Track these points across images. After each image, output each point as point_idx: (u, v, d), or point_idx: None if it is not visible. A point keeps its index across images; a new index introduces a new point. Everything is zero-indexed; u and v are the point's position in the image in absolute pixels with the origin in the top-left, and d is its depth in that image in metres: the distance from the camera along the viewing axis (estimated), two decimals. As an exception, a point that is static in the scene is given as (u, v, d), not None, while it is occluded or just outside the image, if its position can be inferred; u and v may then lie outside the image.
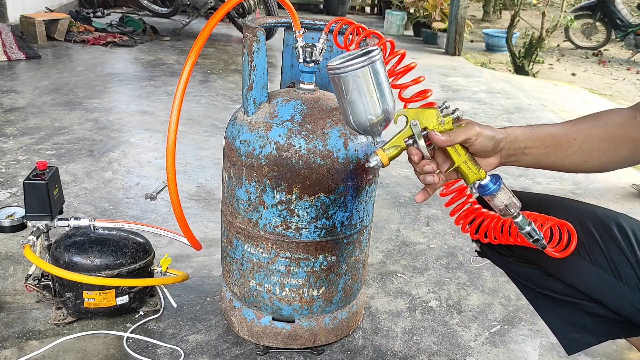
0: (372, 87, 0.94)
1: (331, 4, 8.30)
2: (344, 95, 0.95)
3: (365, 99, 0.94)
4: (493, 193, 0.94)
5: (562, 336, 1.13)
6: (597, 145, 1.00)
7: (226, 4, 1.18)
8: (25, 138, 2.74)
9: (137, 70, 4.28)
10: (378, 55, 0.93)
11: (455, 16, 6.03)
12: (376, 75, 0.93)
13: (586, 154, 1.00)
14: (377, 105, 0.95)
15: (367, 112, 0.95)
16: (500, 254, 1.17)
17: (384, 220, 2.26)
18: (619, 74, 6.98)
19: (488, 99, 4.41)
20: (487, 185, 0.94)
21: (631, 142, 1.00)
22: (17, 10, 5.14)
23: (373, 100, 0.94)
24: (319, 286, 1.36)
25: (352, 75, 0.93)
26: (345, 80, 0.93)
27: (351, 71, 0.92)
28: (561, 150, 0.99)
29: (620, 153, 1.01)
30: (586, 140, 0.99)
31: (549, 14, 6.43)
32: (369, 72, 0.93)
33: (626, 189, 2.82)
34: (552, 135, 0.99)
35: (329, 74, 0.95)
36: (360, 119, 0.96)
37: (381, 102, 0.95)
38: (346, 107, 0.97)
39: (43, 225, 1.44)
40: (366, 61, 0.92)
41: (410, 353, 1.51)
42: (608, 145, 1.00)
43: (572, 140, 0.99)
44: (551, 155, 0.99)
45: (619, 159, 1.02)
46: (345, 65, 0.92)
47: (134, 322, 1.51)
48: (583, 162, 1.01)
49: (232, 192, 1.34)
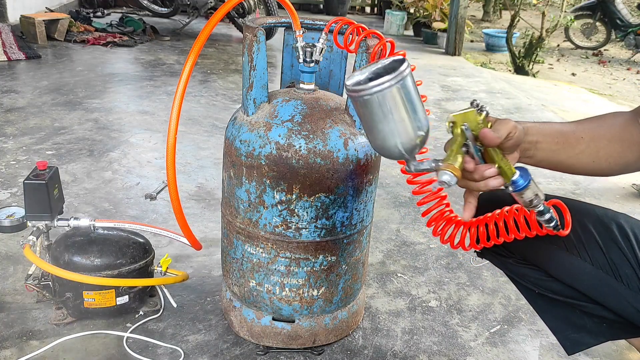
0: (404, 108, 0.81)
1: (331, 4, 8.30)
2: (387, 119, 0.81)
3: (412, 111, 0.81)
4: (527, 187, 0.90)
5: (561, 336, 1.13)
6: (604, 145, 0.99)
7: (226, 4, 1.18)
8: (25, 138, 2.74)
9: (137, 70, 4.28)
10: (407, 68, 0.80)
11: (455, 16, 6.03)
12: (407, 93, 0.80)
13: (594, 153, 0.99)
14: (410, 129, 0.83)
15: (416, 126, 0.83)
16: (499, 255, 1.16)
17: (384, 220, 2.26)
18: (619, 74, 6.98)
19: (488, 99, 4.41)
20: (518, 180, 0.90)
21: (636, 146, 1.00)
22: (17, 10, 5.14)
23: (404, 124, 0.82)
24: (319, 286, 1.36)
25: (379, 96, 0.79)
26: (370, 103, 0.80)
27: (377, 93, 0.78)
28: (570, 148, 0.98)
29: (626, 156, 1.01)
30: (593, 139, 0.99)
31: (549, 14, 6.43)
32: (399, 92, 0.79)
33: (626, 189, 2.82)
34: (560, 132, 0.98)
35: (349, 94, 0.82)
36: (411, 135, 0.83)
37: (415, 124, 0.83)
38: (388, 131, 0.83)
39: (43, 225, 1.44)
40: (395, 79, 0.78)
41: (410, 353, 1.51)
42: (615, 147, 1.00)
43: (580, 139, 0.98)
44: (561, 152, 0.98)
45: (625, 162, 1.02)
46: (369, 86, 0.78)
47: (134, 322, 1.51)
48: (591, 162, 1.00)
49: (232, 192, 1.34)
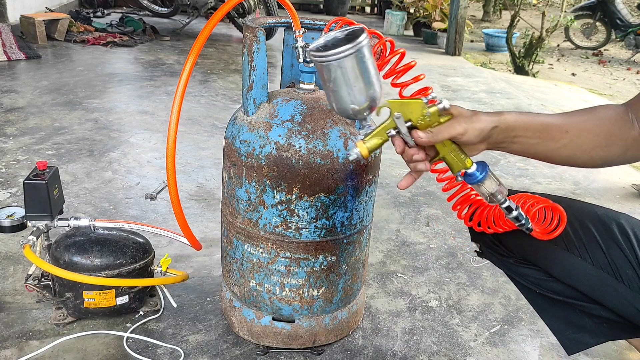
0: (358, 75, 0.88)
1: (331, 4, 8.30)
2: (327, 83, 0.90)
3: (349, 88, 0.89)
4: (480, 182, 0.92)
5: (562, 336, 1.13)
6: (589, 140, 0.98)
7: (226, 4, 1.18)
8: (25, 138, 2.74)
9: (137, 70, 4.28)
10: (365, 40, 0.87)
11: (455, 16, 6.03)
12: (362, 62, 0.87)
13: (577, 147, 0.98)
14: (362, 93, 0.90)
15: (350, 100, 0.90)
16: (500, 254, 1.16)
17: (384, 220, 2.26)
18: (619, 74, 6.98)
19: (488, 99, 4.41)
20: (474, 174, 0.92)
21: (623, 140, 0.99)
22: (17, 10, 5.14)
23: (358, 88, 0.89)
24: (319, 286, 1.36)
25: (336, 64, 0.86)
26: (328, 68, 0.87)
27: (335, 60, 0.86)
28: (552, 142, 0.97)
29: (611, 150, 1.00)
30: (579, 133, 0.98)
31: (549, 14, 6.43)
32: (354, 60, 0.86)
33: (626, 189, 2.82)
34: (545, 125, 0.97)
35: (311, 58, 0.90)
36: (344, 106, 0.92)
37: (367, 90, 0.90)
38: (329, 94, 0.92)
39: (43, 225, 1.44)
40: (352, 48, 0.85)
41: (410, 353, 1.51)
42: (600, 141, 0.99)
43: (565, 133, 0.97)
44: (539, 146, 0.97)
45: (609, 156, 1.01)
46: (329, 53, 0.86)
47: (134, 322, 1.51)
48: (571, 155, 0.99)
49: (232, 192, 1.34)
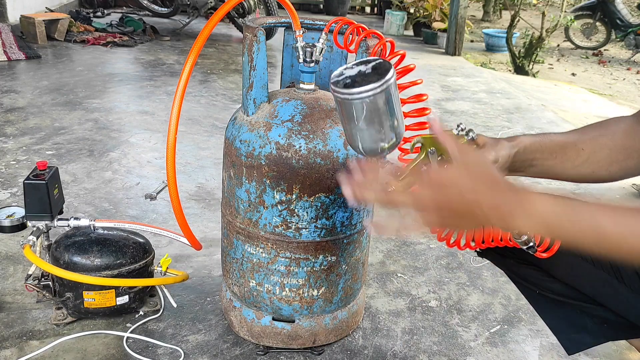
0: (386, 113, 0.83)
1: (331, 4, 8.29)
2: (354, 121, 0.84)
3: (378, 125, 0.84)
4: None
5: (562, 337, 1.13)
6: (606, 155, 0.98)
7: (226, 4, 1.18)
8: (25, 138, 2.74)
9: (137, 70, 4.28)
10: (393, 77, 0.82)
11: (455, 16, 6.03)
12: (390, 100, 0.83)
13: (594, 164, 0.98)
14: (390, 131, 0.85)
15: (380, 138, 0.85)
16: (500, 254, 1.16)
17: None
18: (619, 74, 6.98)
19: (488, 99, 4.41)
20: None
21: (637, 153, 0.99)
22: (17, 10, 5.14)
23: (386, 127, 0.85)
24: (319, 286, 1.36)
25: (369, 100, 0.81)
26: (356, 107, 0.82)
27: (365, 98, 0.81)
28: (569, 161, 0.97)
29: (628, 163, 1.00)
30: (595, 150, 0.98)
31: (549, 14, 6.43)
32: (384, 97, 0.82)
33: (626, 189, 2.82)
34: (560, 145, 0.97)
35: (336, 96, 0.84)
36: (373, 146, 0.86)
37: (394, 127, 0.86)
38: (354, 133, 0.86)
39: (43, 225, 1.44)
40: (380, 87, 0.81)
41: (410, 353, 1.51)
42: (617, 155, 0.99)
43: (581, 150, 0.97)
44: (557, 167, 0.97)
45: (627, 169, 1.01)
46: (358, 91, 0.81)
47: (134, 322, 1.51)
48: (590, 173, 0.99)
49: (232, 192, 1.34)
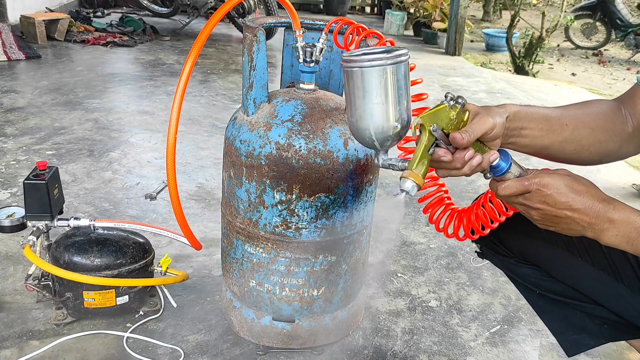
0: (388, 93, 0.81)
1: (331, 4, 8.30)
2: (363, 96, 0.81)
3: (393, 100, 0.81)
4: (507, 171, 0.89)
5: (562, 338, 1.13)
6: (587, 134, 0.98)
7: (226, 4, 1.18)
8: (25, 138, 2.74)
9: (137, 70, 4.28)
10: (405, 56, 0.81)
11: (455, 16, 6.03)
12: (397, 80, 0.81)
13: (577, 142, 0.98)
14: (405, 111, 0.82)
15: (393, 117, 0.82)
16: (500, 255, 1.16)
17: (384, 220, 2.26)
18: (619, 74, 6.98)
19: (488, 99, 4.41)
20: (499, 164, 0.89)
21: (618, 136, 1.00)
22: (17, 10, 5.14)
23: (402, 104, 0.82)
24: (319, 286, 1.36)
25: (380, 70, 0.79)
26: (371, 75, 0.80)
27: (368, 67, 0.79)
28: (554, 134, 0.96)
29: (608, 146, 1.00)
30: (577, 126, 0.98)
31: (549, 14, 6.43)
32: (402, 70, 0.80)
33: (626, 189, 2.82)
34: (545, 117, 0.97)
35: (348, 67, 0.82)
36: (385, 124, 0.82)
37: (394, 113, 0.83)
38: (365, 110, 0.82)
39: (43, 225, 1.44)
40: (402, 56, 0.80)
41: (410, 353, 1.51)
42: (598, 136, 0.99)
43: (564, 125, 0.97)
44: (544, 139, 0.96)
45: (607, 152, 1.01)
46: (373, 58, 0.79)
47: (134, 322, 1.51)
48: (573, 151, 0.99)
49: (232, 192, 1.34)
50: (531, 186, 0.86)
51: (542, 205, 0.86)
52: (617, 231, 0.83)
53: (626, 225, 0.83)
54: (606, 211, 0.84)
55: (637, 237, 0.83)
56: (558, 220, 0.86)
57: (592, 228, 0.85)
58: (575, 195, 0.84)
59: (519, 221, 1.04)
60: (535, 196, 0.86)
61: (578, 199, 0.84)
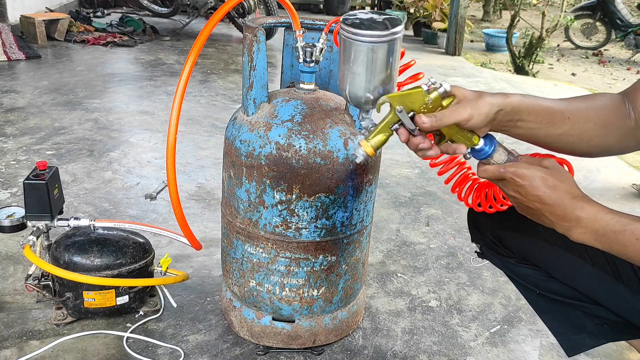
0: (385, 65, 0.85)
1: (331, 4, 8.30)
2: (349, 64, 0.86)
3: (371, 74, 0.86)
4: (490, 156, 0.90)
5: (562, 338, 1.13)
6: (588, 128, 0.98)
7: (226, 4, 1.18)
8: (25, 138, 2.74)
9: (137, 70, 4.28)
10: (400, 33, 0.84)
11: (455, 16, 6.03)
12: (390, 54, 0.85)
13: (576, 135, 0.98)
14: (383, 84, 0.87)
15: (367, 88, 0.87)
16: (500, 255, 1.16)
17: (384, 220, 2.26)
18: (619, 74, 6.98)
19: (488, 99, 4.40)
20: (482, 149, 0.90)
21: (620, 130, 0.99)
22: (17, 10, 5.14)
23: (379, 79, 0.86)
24: (319, 286, 1.36)
25: (371, 46, 0.83)
26: (357, 49, 0.84)
27: (369, 43, 0.83)
28: (553, 127, 0.96)
29: (608, 140, 1.00)
30: (579, 120, 0.97)
31: (549, 14, 6.43)
32: (387, 48, 0.84)
33: (626, 189, 2.82)
34: (548, 110, 0.96)
35: (342, 33, 0.86)
36: (358, 93, 0.89)
37: (388, 82, 0.87)
38: (346, 75, 0.88)
39: (43, 225, 1.44)
40: (388, 37, 0.83)
41: (410, 353, 1.51)
42: (599, 130, 0.98)
43: (566, 119, 0.97)
44: (541, 130, 0.96)
45: (607, 146, 1.01)
46: (365, 34, 0.82)
47: (134, 322, 1.51)
48: (571, 143, 0.98)
49: (232, 192, 1.34)
50: (506, 174, 0.88)
51: (516, 194, 0.88)
52: (584, 229, 0.85)
53: (593, 223, 0.84)
54: (574, 208, 0.85)
55: (604, 236, 0.84)
56: (531, 211, 0.89)
57: (560, 224, 0.86)
58: (547, 190, 0.85)
59: (519, 221, 1.04)
60: (509, 184, 0.88)
61: (549, 193, 0.85)
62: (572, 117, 0.97)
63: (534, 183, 0.86)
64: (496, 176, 0.89)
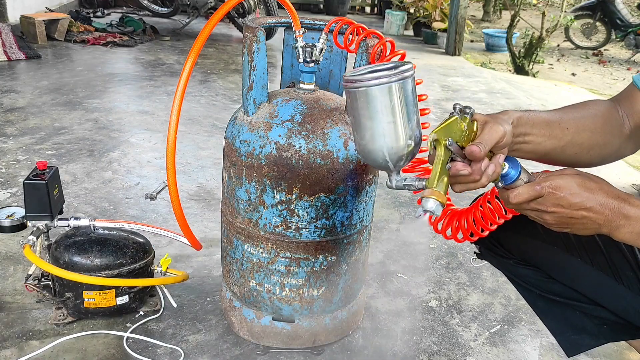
0: (398, 110, 0.78)
1: (331, 4, 8.30)
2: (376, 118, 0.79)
3: (406, 117, 0.79)
4: (518, 178, 0.87)
5: (561, 338, 1.13)
6: (587, 137, 0.98)
7: (226, 4, 1.18)
8: (25, 138, 2.74)
9: (137, 70, 4.28)
10: (410, 71, 0.79)
11: (455, 16, 6.03)
12: (405, 97, 0.79)
13: (578, 145, 0.97)
14: (400, 134, 0.79)
15: (407, 133, 0.79)
16: (499, 256, 1.16)
17: (384, 220, 2.26)
18: (619, 74, 6.98)
19: (488, 99, 4.41)
20: (508, 172, 0.87)
21: (617, 138, 0.99)
22: (17, 10, 5.14)
23: (414, 121, 0.80)
24: (319, 286, 1.36)
25: (375, 90, 0.77)
26: (364, 95, 0.78)
27: (374, 86, 0.77)
28: (556, 140, 0.96)
29: (607, 148, 1.00)
30: (578, 130, 0.97)
31: (549, 14, 6.43)
32: (396, 91, 0.78)
33: (626, 189, 2.82)
34: (546, 121, 0.95)
35: (352, 86, 0.79)
36: (399, 143, 0.80)
37: (406, 131, 0.80)
38: (376, 132, 0.80)
39: (43, 225, 1.44)
40: (395, 76, 0.77)
41: (410, 353, 1.51)
42: (597, 139, 0.98)
43: (565, 130, 0.96)
44: (548, 143, 0.95)
45: (606, 154, 1.01)
46: (367, 77, 0.77)
47: (134, 322, 1.51)
48: (574, 155, 0.98)
49: (232, 192, 1.34)
50: (543, 190, 0.84)
51: (556, 208, 0.84)
52: (632, 228, 0.82)
53: None
54: (621, 208, 0.82)
55: None
56: (573, 221, 0.85)
57: (608, 225, 0.83)
58: (589, 194, 0.83)
59: (518, 222, 1.04)
60: (548, 200, 0.84)
61: (592, 197, 0.83)
62: (571, 127, 0.97)
63: (573, 190, 0.83)
64: (532, 196, 0.85)
